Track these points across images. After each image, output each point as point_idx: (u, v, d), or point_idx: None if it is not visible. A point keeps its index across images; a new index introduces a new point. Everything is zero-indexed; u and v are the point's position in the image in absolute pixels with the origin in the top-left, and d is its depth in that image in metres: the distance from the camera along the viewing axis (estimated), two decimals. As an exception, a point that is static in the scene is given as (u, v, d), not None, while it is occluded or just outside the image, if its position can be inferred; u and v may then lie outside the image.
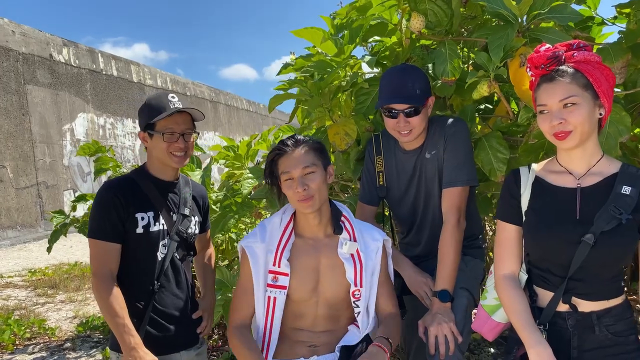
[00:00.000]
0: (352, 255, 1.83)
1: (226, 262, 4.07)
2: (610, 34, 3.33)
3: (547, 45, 1.54)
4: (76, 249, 9.95)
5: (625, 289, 1.65)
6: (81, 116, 12.34)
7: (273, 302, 1.81)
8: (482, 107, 2.76)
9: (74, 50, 12.31)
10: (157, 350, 1.90)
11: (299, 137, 1.84)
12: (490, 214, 3.56)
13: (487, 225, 4.08)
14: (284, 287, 1.81)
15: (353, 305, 1.84)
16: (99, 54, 13.20)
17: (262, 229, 1.91)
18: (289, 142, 1.82)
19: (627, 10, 2.45)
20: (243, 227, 3.83)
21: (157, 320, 1.99)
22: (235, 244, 4.18)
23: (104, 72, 13.22)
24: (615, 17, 2.90)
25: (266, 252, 1.84)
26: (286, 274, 1.81)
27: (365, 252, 1.84)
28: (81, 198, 4.37)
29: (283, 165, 1.80)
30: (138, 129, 2.10)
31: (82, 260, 8.59)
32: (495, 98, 2.80)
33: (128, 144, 13.57)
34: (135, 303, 1.96)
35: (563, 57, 1.50)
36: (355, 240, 1.84)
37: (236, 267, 3.94)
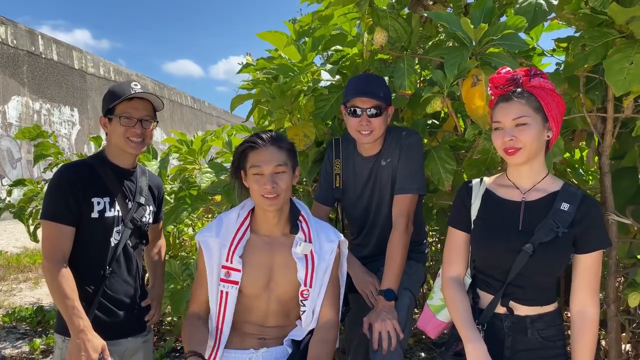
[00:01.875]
0: (305, 255, 1.87)
1: (168, 256, 4.05)
2: (548, 65, 3.63)
3: (508, 69, 1.69)
4: (0, 238, 9.47)
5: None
6: (15, 99, 11.77)
7: (225, 297, 1.84)
8: (430, 122, 2.94)
9: (12, 29, 11.74)
10: (104, 335, 1.90)
11: (274, 134, 1.85)
12: (427, 227, 3.74)
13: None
14: (235, 283, 1.84)
15: (300, 304, 1.88)
16: (39, 36, 12.65)
17: (218, 222, 1.92)
18: (264, 137, 1.81)
19: (564, 45, 2.69)
20: (189, 222, 3.82)
21: (107, 306, 2.00)
22: (177, 240, 4.17)
23: (43, 56, 12.67)
24: (553, 50, 3.16)
25: (220, 247, 1.86)
26: (238, 270, 1.84)
27: (319, 254, 1.89)
28: (19, 183, 4.22)
29: (254, 158, 1.80)
30: (76, 117, 2.11)
31: (7, 250, 8.19)
32: (442, 115, 2.98)
33: (64, 132, 13.05)
34: (85, 287, 1.95)
35: (521, 81, 1.65)
36: (310, 241, 1.88)
37: (178, 262, 3.93)
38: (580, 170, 3.39)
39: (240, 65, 3.28)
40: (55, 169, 4.53)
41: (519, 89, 1.66)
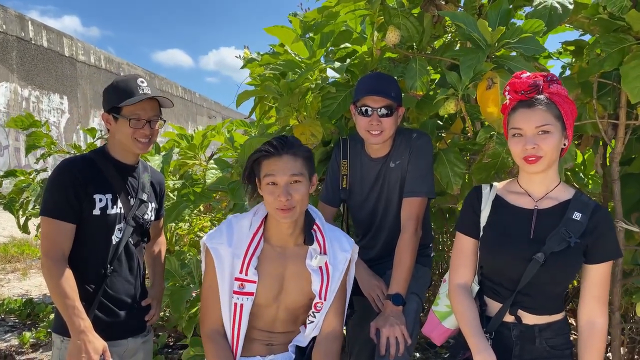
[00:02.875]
0: (320, 267, 1.80)
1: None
2: (551, 67, 3.61)
3: (527, 73, 1.64)
4: (-14, 227, 9.30)
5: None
6: (3, 85, 11.56)
7: (240, 309, 1.76)
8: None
9: (1, 14, 11.53)
10: (104, 336, 1.85)
11: (288, 140, 1.75)
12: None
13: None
14: (251, 294, 1.76)
15: (310, 314, 1.82)
16: (29, 22, 12.43)
17: (228, 229, 1.82)
18: (277, 145, 1.71)
19: (572, 48, 2.66)
20: (187, 217, 3.75)
21: (107, 305, 1.95)
22: (175, 237, 4.10)
23: (33, 42, 12.46)
24: (560, 53, 3.14)
25: (232, 257, 1.77)
26: (254, 282, 1.76)
27: (333, 264, 1.82)
28: (10, 174, 4.13)
29: (268, 167, 1.71)
30: (65, 105, 2.04)
31: (-6, 240, 8.05)
32: (446, 116, 2.94)
33: (53, 120, 12.82)
34: (85, 286, 1.90)
35: (541, 87, 1.61)
36: (325, 252, 1.81)
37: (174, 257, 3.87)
38: (581, 174, 3.38)
39: (237, 58, 3.22)
40: (48, 159, 4.45)
41: (540, 96, 1.61)
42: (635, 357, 3.45)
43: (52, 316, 4.34)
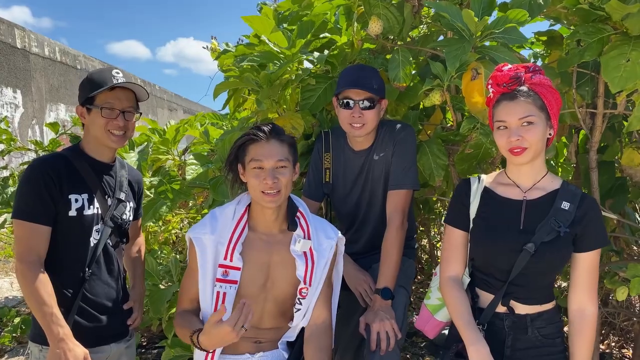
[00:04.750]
0: (304, 252, 1.79)
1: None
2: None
3: (509, 65, 1.64)
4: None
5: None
6: (-49, 79, 10.99)
7: (222, 298, 1.73)
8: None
9: (-53, 4, 10.93)
10: (86, 342, 1.77)
11: (275, 127, 1.76)
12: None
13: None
14: (234, 282, 1.73)
15: (296, 302, 1.80)
16: (-22, 12, 11.84)
17: (212, 219, 1.80)
18: (265, 130, 1.72)
19: (544, 38, 2.70)
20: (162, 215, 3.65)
21: (87, 310, 1.86)
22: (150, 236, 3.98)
23: (-18, 33, 11.86)
24: (532, 43, 3.17)
25: (216, 245, 1.74)
26: (238, 268, 1.73)
27: (318, 251, 1.81)
28: (-32, 172, 3.91)
29: (254, 152, 1.71)
30: (19, 99, 1.94)
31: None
32: (422, 106, 2.94)
33: (6, 115, 12.29)
34: (63, 291, 1.81)
35: (523, 78, 1.61)
36: (309, 238, 1.80)
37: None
38: (552, 162, 3.45)
39: (204, 49, 3.13)
40: (6, 157, 4.25)
41: (522, 87, 1.62)
42: (607, 340, 3.57)
43: (16, 320, 4.17)
